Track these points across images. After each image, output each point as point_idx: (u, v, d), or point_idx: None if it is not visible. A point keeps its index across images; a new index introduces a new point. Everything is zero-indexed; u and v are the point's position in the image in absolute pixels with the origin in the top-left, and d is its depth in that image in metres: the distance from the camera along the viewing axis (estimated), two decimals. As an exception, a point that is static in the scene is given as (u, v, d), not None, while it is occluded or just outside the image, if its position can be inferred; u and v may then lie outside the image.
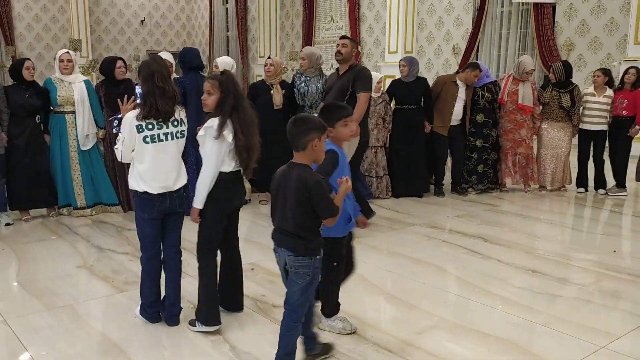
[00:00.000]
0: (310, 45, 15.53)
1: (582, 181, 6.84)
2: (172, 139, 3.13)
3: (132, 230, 5.25)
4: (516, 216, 6.01)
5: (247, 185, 5.95)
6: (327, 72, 6.16)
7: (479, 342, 3.13)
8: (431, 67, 12.87)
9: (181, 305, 3.33)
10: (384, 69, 11.77)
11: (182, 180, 3.23)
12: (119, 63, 5.70)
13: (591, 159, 6.76)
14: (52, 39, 17.00)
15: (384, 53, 12.98)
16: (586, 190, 6.83)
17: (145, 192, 3.10)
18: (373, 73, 6.35)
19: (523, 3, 10.99)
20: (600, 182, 6.75)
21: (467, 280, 4.05)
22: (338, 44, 5.25)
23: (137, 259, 4.44)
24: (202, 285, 3.20)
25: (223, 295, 3.34)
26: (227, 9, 18.50)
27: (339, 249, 3.06)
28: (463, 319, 3.42)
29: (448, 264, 4.41)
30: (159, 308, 3.31)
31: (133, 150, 3.10)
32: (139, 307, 3.36)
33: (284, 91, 5.99)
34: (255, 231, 5.17)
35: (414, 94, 6.44)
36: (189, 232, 3.37)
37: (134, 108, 3.14)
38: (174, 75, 5.87)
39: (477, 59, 11.92)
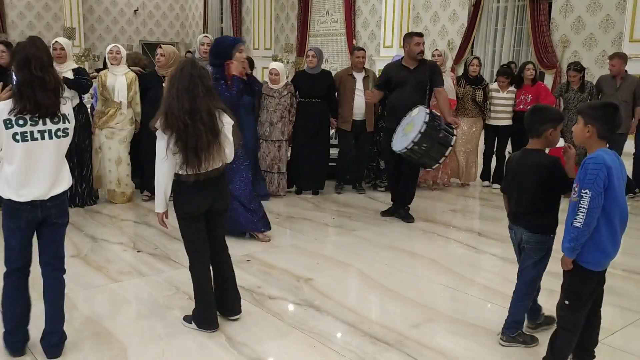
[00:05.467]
0: (306, 38, 15.47)
1: (486, 175, 6.95)
2: (51, 137, 2.62)
3: (125, 221, 5.23)
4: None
5: None
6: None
7: (474, 335, 3.14)
8: (426, 61, 12.87)
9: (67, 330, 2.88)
10: (379, 63, 11.74)
11: (62, 186, 2.72)
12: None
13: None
14: (45, 27, 16.81)
15: (379, 47, 12.95)
16: (490, 184, 6.92)
17: (10, 200, 2.61)
18: (275, 63, 6.19)
19: (519, -1, 10.99)
20: (499, 177, 6.77)
21: (462, 274, 4.06)
22: (419, 42, 5.17)
23: (131, 249, 4.44)
24: (194, 287, 3.14)
25: (217, 299, 3.23)
26: (221, 0, 18.38)
27: (584, 284, 2.61)
28: (458, 313, 3.43)
29: (443, 258, 4.42)
30: (23, 337, 2.80)
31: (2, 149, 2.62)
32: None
33: None
34: (250, 223, 5.14)
35: (318, 87, 6.13)
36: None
37: (9, 98, 2.65)
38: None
39: (472, 55, 11.91)
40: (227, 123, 3.00)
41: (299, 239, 4.81)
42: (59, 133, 2.66)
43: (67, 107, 2.70)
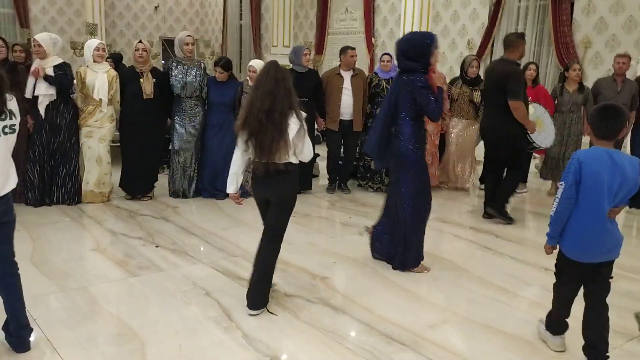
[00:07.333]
0: (324, 36, 15.47)
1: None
2: None
3: (144, 216, 5.28)
4: (528, 213, 5.98)
5: None
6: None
7: (490, 338, 3.13)
8: (445, 61, 12.78)
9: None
10: (398, 62, 11.66)
11: (10, 184, 2.65)
12: None
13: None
14: (67, 22, 17.01)
15: (398, 45, 12.90)
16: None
17: None
18: (254, 61, 6.01)
19: (541, -2, 10.87)
20: None
21: (479, 276, 4.04)
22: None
23: (150, 244, 4.49)
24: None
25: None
26: (241, -4, 18.44)
27: (561, 264, 2.91)
28: (475, 315, 3.41)
29: (460, 259, 4.40)
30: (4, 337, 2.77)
31: None
32: None
33: (154, 80, 5.57)
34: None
35: (306, 86, 5.86)
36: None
37: None
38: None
39: (492, 54, 11.82)
40: (293, 123, 3.14)
41: (315, 237, 4.82)
42: (6, 130, 2.57)
43: (12, 103, 2.62)
